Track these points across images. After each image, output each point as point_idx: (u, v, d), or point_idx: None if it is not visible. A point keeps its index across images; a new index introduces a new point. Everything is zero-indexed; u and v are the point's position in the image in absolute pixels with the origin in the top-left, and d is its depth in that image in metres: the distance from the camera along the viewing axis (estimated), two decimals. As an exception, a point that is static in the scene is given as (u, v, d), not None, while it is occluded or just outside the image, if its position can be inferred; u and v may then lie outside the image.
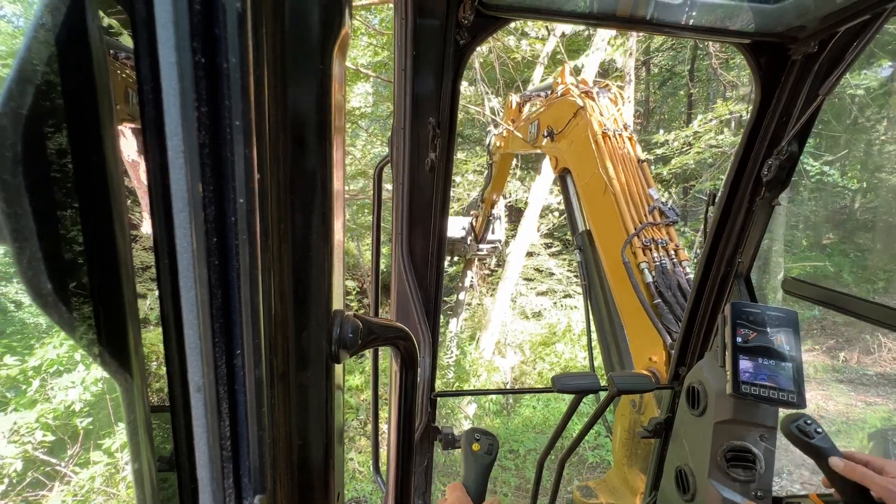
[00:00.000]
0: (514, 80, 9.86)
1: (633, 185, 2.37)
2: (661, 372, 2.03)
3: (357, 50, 10.35)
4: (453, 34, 1.15)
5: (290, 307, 0.40)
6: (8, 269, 8.65)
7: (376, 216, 1.61)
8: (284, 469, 0.41)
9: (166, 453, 0.36)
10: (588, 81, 3.19)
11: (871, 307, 1.25)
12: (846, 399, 8.44)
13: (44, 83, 0.26)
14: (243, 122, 0.29)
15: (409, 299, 1.42)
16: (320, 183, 0.41)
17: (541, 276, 11.63)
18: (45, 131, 0.26)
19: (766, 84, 1.32)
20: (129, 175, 0.40)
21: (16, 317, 8.93)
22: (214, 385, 0.32)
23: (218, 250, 0.30)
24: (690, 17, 1.20)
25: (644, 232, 2.22)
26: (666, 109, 16.55)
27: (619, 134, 2.57)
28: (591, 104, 2.73)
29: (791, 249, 12.26)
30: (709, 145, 10.42)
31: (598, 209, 2.48)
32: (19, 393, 5.85)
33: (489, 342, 9.38)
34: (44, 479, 5.61)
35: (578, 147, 2.69)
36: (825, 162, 10.68)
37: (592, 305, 2.74)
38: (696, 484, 1.37)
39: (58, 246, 0.28)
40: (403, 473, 0.68)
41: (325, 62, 0.39)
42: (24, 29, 3.97)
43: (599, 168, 2.43)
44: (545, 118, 3.18)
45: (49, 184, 0.27)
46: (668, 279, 2.13)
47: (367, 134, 12.78)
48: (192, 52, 0.27)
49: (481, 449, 1.08)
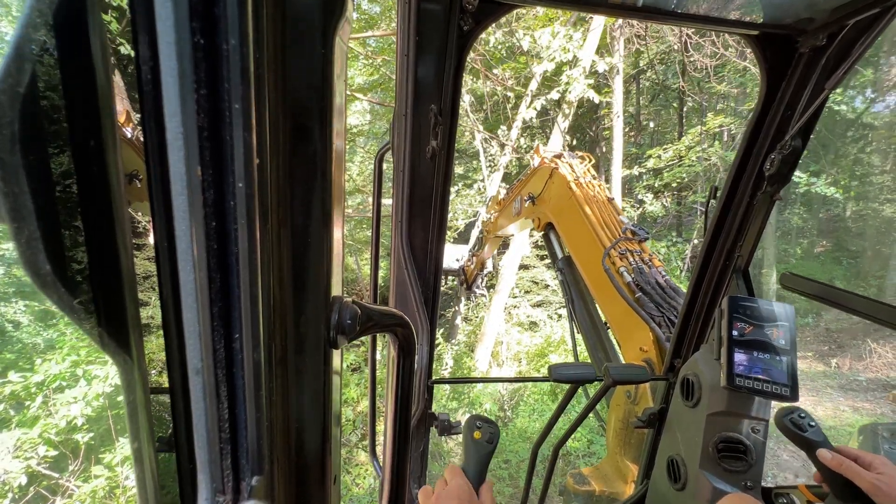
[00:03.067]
0: (502, 107, 9.91)
1: (605, 216, 2.84)
2: (655, 361, 2.06)
3: (354, 70, 10.36)
4: (457, 20, 1.13)
5: (289, 292, 0.41)
6: (7, 288, 8.58)
7: (376, 204, 1.60)
8: (282, 451, 0.42)
9: (166, 434, 0.37)
10: (559, 151, 3.81)
11: (867, 303, 1.26)
12: (836, 405, 8.53)
13: (41, 61, 0.26)
14: (243, 106, 0.29)
15: (407, 287, 1.42)
16: (320, 167, 0.41)
17: (537, 287, 11.69)
18: (43, 110, 0.26)
19: (772, 77, 1.31)
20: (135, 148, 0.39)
21: (15, 336, 8.92)
22: (213, 368, 0.32)
23: (217, 234, 0.30)
24: (699, 7, 1.18)
25: (620, 244, 2.59)
26: (659, 123, 16.43)
27: (590, 182, 3.13)
28: (562, 164, 3.33)
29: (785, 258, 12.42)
30: (700, 158, 10.56)
31: (578, 237, 2.94)
32: (22, 409, 5.91)
33: (484, 354, 9.48)
34: (46, 494, 5.67)
35: (557, 198, 3.23)
36: (812, 172, 10.76)
37: (577, 317, 3.15)
38: (687, 473, 1.40)
39: (57, 227, 0.28)
40: (399, 458, 0.69)
41: (327, 45, 0.38)
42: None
43: (577, 206, 2.89)
44: (526, 189, 3.78)
45: (47, 164, 0.27)
46: (646, 276, 2.43)
47: (364, 151, 12.71)
48: (192, 33, 0.27)
49: (483, 437, 1.07)
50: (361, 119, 12.77)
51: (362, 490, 7.31)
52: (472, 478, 1.01)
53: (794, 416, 1.17)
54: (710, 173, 11.14)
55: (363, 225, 12.60)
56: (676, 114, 14.73)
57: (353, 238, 12.59)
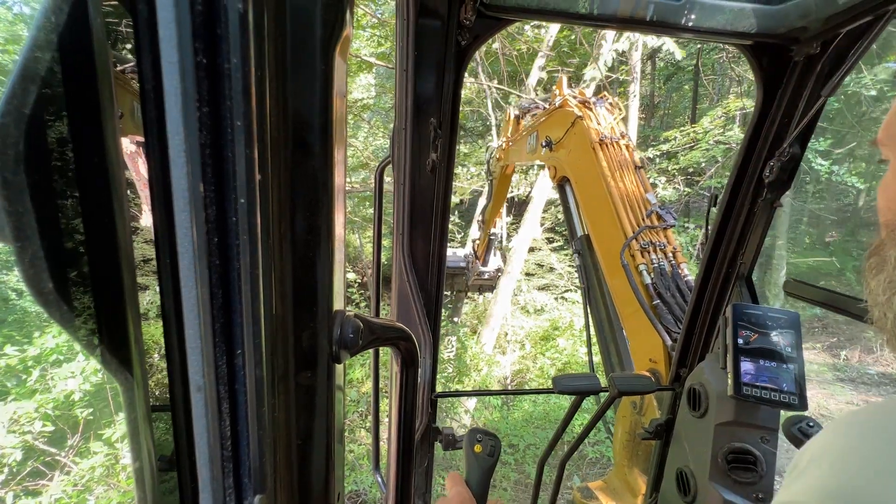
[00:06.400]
0: (516, 72, 9.85)
1: (630, 190, 2.41)
2: (662, 373, 2.03)
3: (360, 41, 10.36)
4: (455, 35, 1.15)
5: (291, 307, 0.40)
6: (9, 256, 8.60)
7: (377, 216, 1.61)
8: (285, 469, 0.41)
9: (167, 452, 0.36)
10: (586, 93, 3.26)
11: None
12: (847, 398, 8.42)
13: (47, 83, 0.26)
14: (244, 123, 0.29)
15: (409, 300, 1.42)
16: (321, 183, 0.41)
17: (542, 271, 11.61)
18: (48, 131, 0.26)
19: (768, 85, 1.32)
20: (128, 168, 0.40)
21: (17, 305, 8.90)
22: (215, 385, 0.32)
23: (219, 250, 0.30)
24: (692, 19, 1.20)
25: (642, 235, 2.25)
26: (671, 105, 16.46)
27: (617, 141, 2.60)
28: (588, 113, 2.78)
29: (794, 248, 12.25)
30: (716, 141, 10.29)
31: (597, 214, 2.52)
32: (19, 382, 5.85)
33: (490, 337, 9.37)
34: (44, 469, 5.59)
35: (577, 155, 2.75)
36: (833, 161, 10.53)
37: (592, 307, 2.78)
38: (696, 486, 1.37)
39: (59, 246, 0.28)
40: (404, 474, 0.68)
41: (327, 63, 0.39)
42: (25, 17, 3.98)
43: (598, 174, 2.47)
44: (543, 129, 3.22)
45: (51, 183, 0.27)
46: (666, 280, 2.17)
47: (370, 125, 12.78)
48: (194, 53, 0.27)
49: (483, 450, 1.07)
50: (366, 93, 12.83)
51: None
52: (475, 491, 1.00)
53: (802, 426, 1.15)
54: (727, 158, 10.87)
55: (366, 202, 12.66)
56: (689, 96, 14.57)
57: (357, 215, 12.62)
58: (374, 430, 1.79)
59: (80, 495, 5.42)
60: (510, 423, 8.04)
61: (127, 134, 0.38)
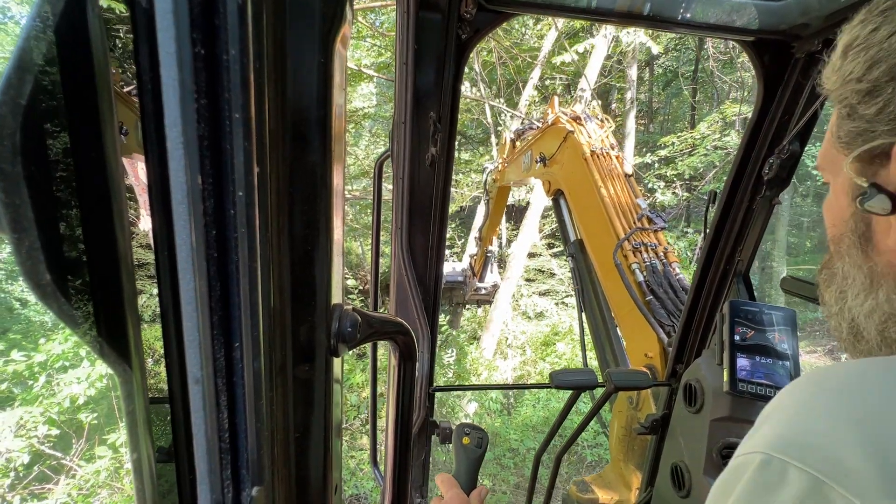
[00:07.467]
0: (514, 80, 9.87)
1: (621, 197, 2.57)
2: (658, 368, 2.05)
3: (361, 51, 10.35)
4: (455, 28, 1.14)
5: (289, 300, 0.40)
6: (14, 266, 8.59)
7: (376, 211, 1.60)
8: (282, 461, 0.41)
9: (165, 444, 0.36)
10: (577, 110, 3.47)
11: None
12: None
13: (43, 74, 0.26)
14: (243, 115, 0.29)
15: (408, 294, 1.42)
16: (320, 176, 0.41)
17: (542, 276, 11.64)
18: (44, 122, 0.26)
19: (769, 82, 1.31)
20: (126, 171, 0.39)
21: (22, 314, 8.94)
22: (213, 377, 0.32)
23: (217, 243, 0.30)
24: (693, 14, 1.19)
25: (634, 236, 2.37)
26: (670, 111, 16.45)
27: (607, 153, 2.79)
28: (579, 128, 2.99)
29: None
30: (714, 147, 10.41)
31: (590, 221, 2.67)
32: (25, 388, 5.89)
33: (490, 342, 9.42)
34: (50, 473, 5.64)
35: (570, 168, 2.92)
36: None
37: (586, 308, 2.91)
38: (691, 480, 1.38)
39: (57, 237, 0.28)
40: (401, 467, 0.68)
41: (327, 55, 0.38)
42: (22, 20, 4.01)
43: (591, 184, 2.61)
44: (538, 146, 3.44)
45: (48, 175, 0.27)
46: (658, 277, 2.26)
47: (371, 134, 12.75)
48: (192, 43, 0.27)
49: (471, 443, 1.11)
50: (367, 102, 12.81)
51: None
52: (464, 483, 1.04)
53: None
54: (725, 162, 10.93)
55: (368, 209, 12.74)
56: (688, 102, 14.64)
57: (359, 223, 12.68)
58: (371, 425, 1.80)
59: (86, 499, 5.47)
60: (510, 427, 8.11)
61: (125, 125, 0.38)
